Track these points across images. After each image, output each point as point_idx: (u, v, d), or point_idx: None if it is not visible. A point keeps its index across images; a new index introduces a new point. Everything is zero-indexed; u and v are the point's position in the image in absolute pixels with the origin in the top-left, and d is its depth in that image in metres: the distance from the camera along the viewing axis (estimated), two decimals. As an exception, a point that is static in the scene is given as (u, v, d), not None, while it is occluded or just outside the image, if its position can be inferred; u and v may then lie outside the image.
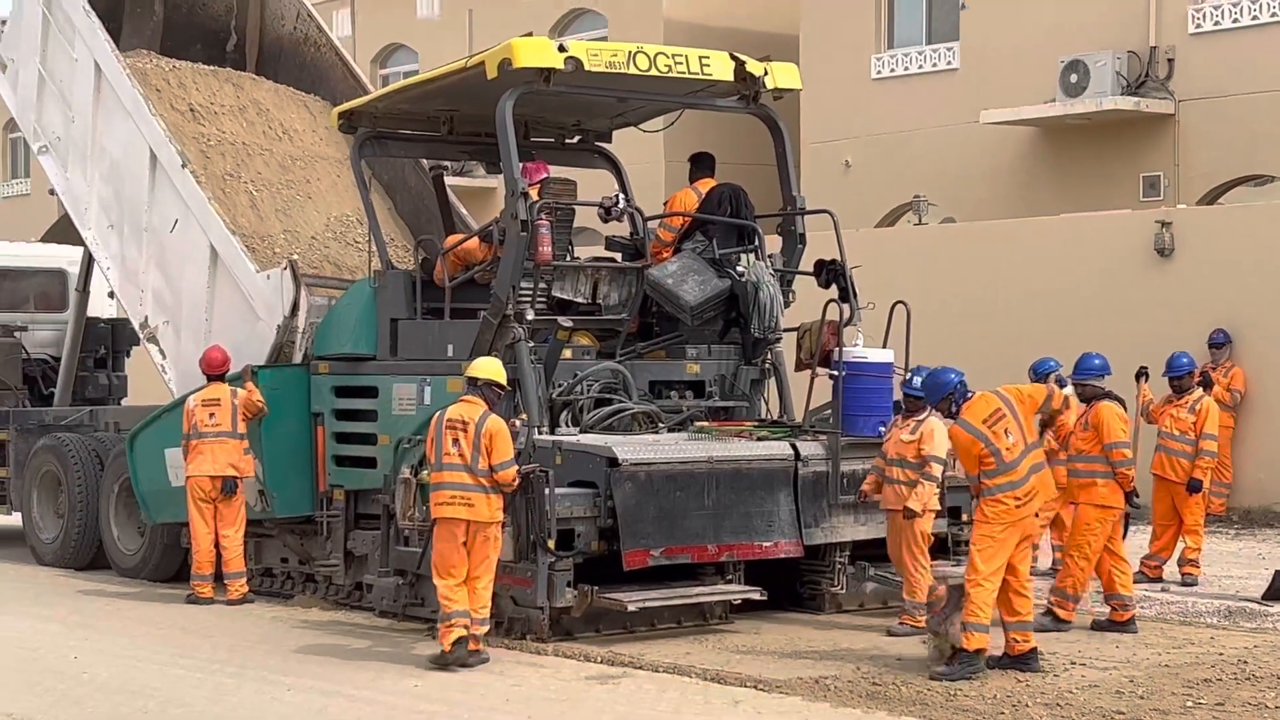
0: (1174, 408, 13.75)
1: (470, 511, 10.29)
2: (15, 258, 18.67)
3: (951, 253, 20.62)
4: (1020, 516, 9.90)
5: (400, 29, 32.14)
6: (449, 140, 13.55)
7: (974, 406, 10.06)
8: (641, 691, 9.57)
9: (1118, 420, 11.39)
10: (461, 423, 10.37)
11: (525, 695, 9.51)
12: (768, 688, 9.49)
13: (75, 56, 15.19)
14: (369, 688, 9.75)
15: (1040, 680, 9.65)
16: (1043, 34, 23.61)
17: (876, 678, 9.70)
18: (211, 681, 10.05)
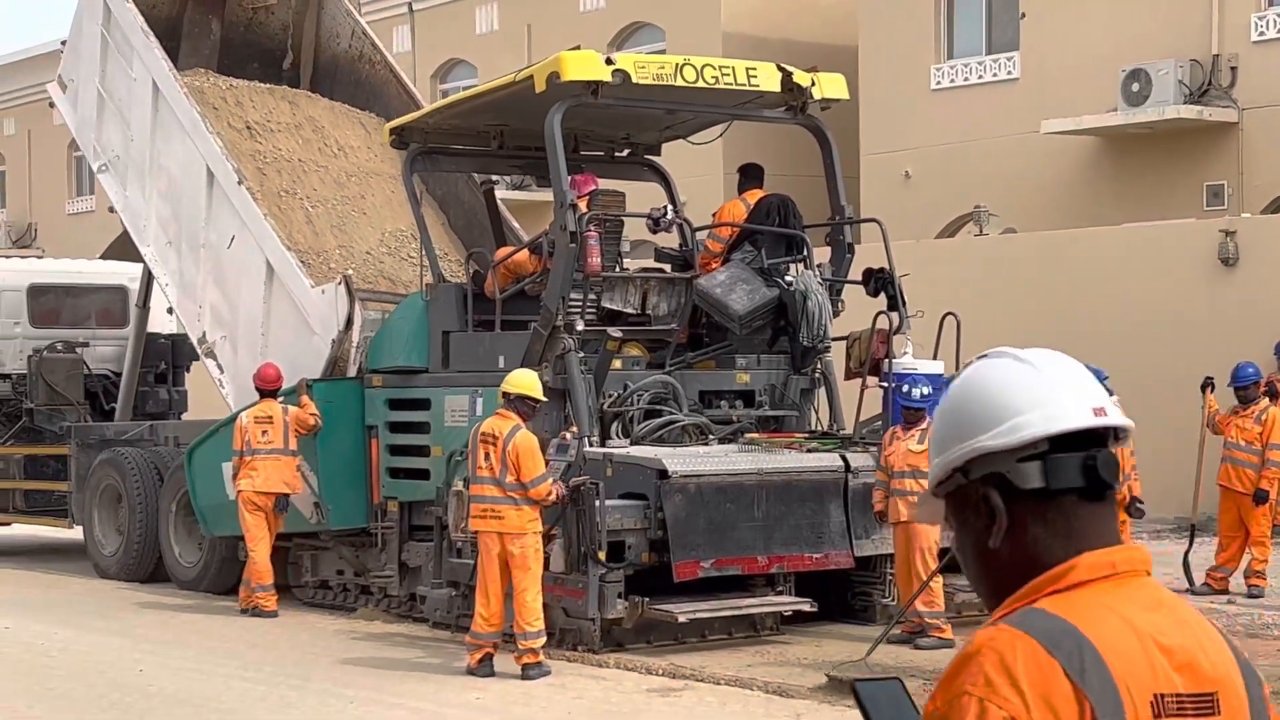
0: (1240, 418, 13.70)
1: (500, 524, 10.44)
2: (77, 274, 19.05)
3: (1013, 263, 20.60)
4: None
5: (459, 44, 32.42)
6: (499, 155, 13.76)
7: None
8: (703, 704, 9.59)
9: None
10: (492, 437, 10.52)
11: (587, 708, 9.56)
12: (831, 701, 9.50)
13: (134, 76, 15.50)
14: (431, 700, 9.83)
15: None
16: (1104, 43, 23.55)
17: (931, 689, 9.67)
18: (275, 694, 10.16)
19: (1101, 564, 2.09)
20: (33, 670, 11.13)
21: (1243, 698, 2.11)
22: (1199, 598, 13.40)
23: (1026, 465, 2.11)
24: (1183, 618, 2.11)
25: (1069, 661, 1.99)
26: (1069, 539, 2.10)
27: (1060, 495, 2.10)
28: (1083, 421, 2.12)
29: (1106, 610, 2.04)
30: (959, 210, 25.24)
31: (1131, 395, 18.12)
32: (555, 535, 11.02)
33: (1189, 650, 2.07)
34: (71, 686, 10.54)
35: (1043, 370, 2.18)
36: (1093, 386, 2.17)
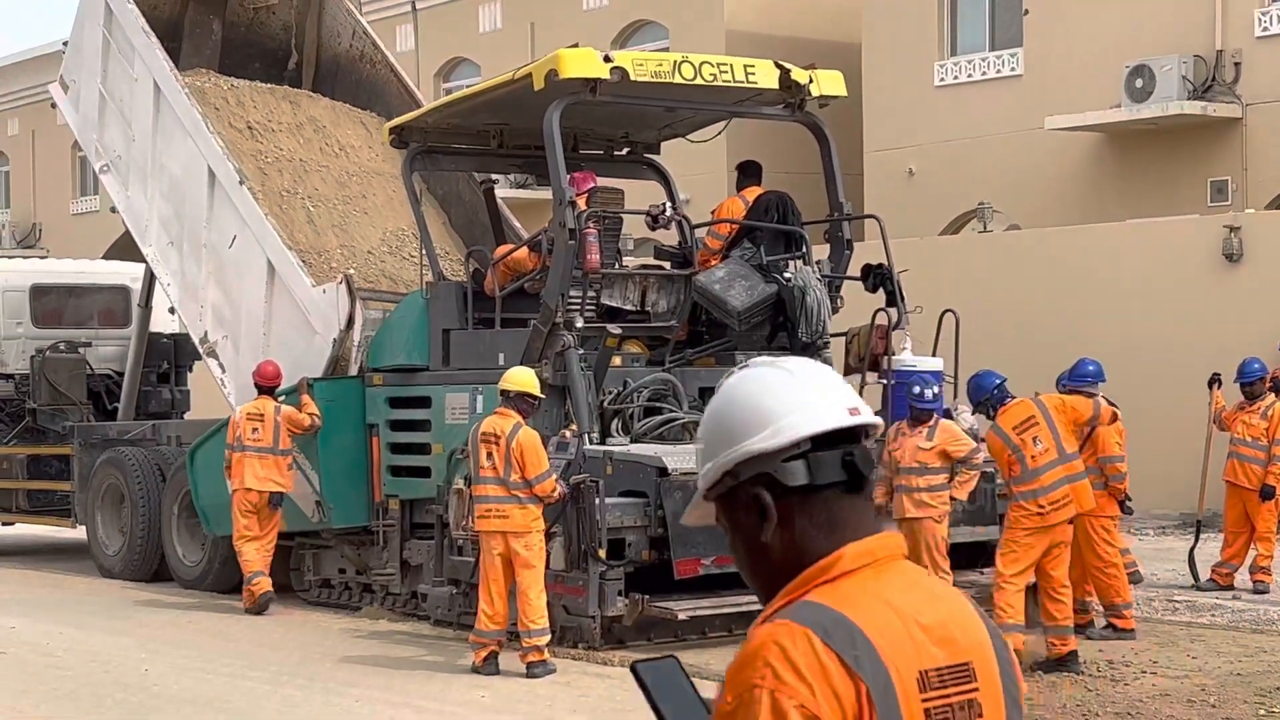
0: (1246, 414, 13.73)
1: (505, 523, 10.51)
2: (80, 274, 19.15)
3: (1017, 260, 20.66)
4: (1046, 524, 10.05)
5: (463, 43, 32.51)
6: (499, 154, 13.83)
7: (1009, 412, 10.23)
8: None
9: (1114, 434, 11.45)
10: (494, 436, 10.58)
11: (591, 706, 9.59)
12: None
13: (135, 76, 15.58)
14: (436, 698, 9.87)
15: (1111, 689, 9.64)
16: (1107, 39, 23.59)
17: None
18: (280, 693, 10.20)
19: (863, 553, 2.27)
20: (39, 670, 11.20)
21: (993, 663, 2.31)
22: (1204, 593, 13.44)
23: (791, 464, 2.28)
24: (935, 594, 2.31)
25: (844, 649, 2.16)
26: (832, 530, 2.28)
27: (823, 490, 2.28)
28: (840, 421, 2.30)
29: (871, 596, 2.23)
30: (963, 207, 25.31)
31: (1136, 391, 18.23)
32: (556, 533, 11.09)
33: (945, 625, 2.27)
34: (77, 686, 10.60)
35: (799, 376, 2.34)
36: (845, 389, 2.36)
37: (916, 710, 2.20)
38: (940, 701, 2.22)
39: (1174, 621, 12.11)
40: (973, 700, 2.26)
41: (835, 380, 2.37)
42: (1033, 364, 14.34)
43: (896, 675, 2.18)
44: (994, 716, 2.30)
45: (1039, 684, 9.75)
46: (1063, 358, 18.51)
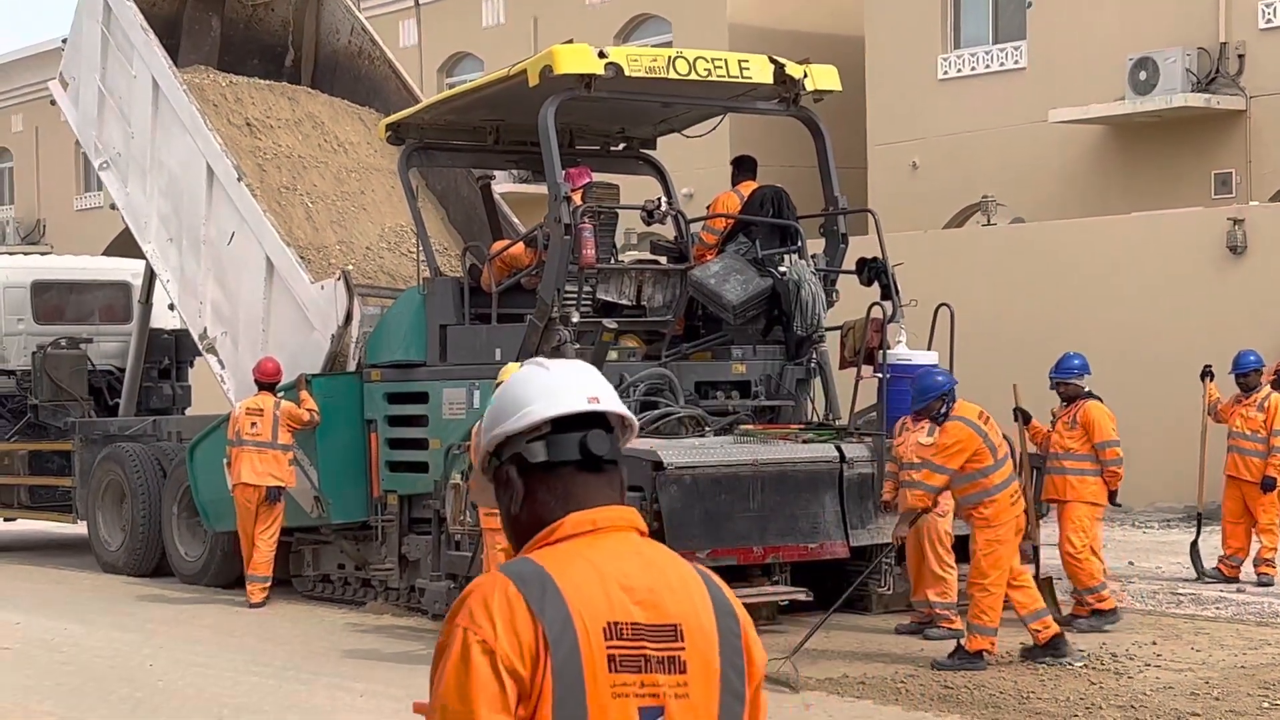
0: (1243, 406, 13.80)
1: None
2: (81, 271, 19.32)
3: (1021, 253, 20.75)
4: (1015, 514, 10.18)
5: (466, 38, 32.62)
6: (495, 150, 13.95)
7: (964, 406, 10.34)
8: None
9: (1108, 419, 11.56)
10: None
11: None
12: (839, 690, 9.61)
13: (134, 73, 15.72)
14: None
15: (1115, 682, 9.65)
16: (1111, 31, 23.66)
17: (948, 680, 9.75)
18: (285, 688, 10.28)
19: (583, 521, 2.65)
20: (44, 666, 11.29)
21: (710, 631, 2.63)
22: (1208, 586, 13.51)
23: (535, 444, 2.68)
24: (653, 564, 2.65)
25: (530, 595, 2.54)
26: (566, 502, 2.66)
27: (561, 467, 2.67)
28: (575, 407, 2.68)
29: (577, 557, 2.60)
30: (967, 200, 25.40)
31: (1140, 384, 18.35)
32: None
33: (654, 591, 2.61)
34: (83, 682, 10.69)
35: (551, 371, 2.76)
36: (594, 383, 2.74)
37: (599, 655, 2.54)
38: (629, 651, 2.55)
39: (1178, 614, 12.15)
40: (675, 657, 2.59)
41: (587, 376, 2.75)
42: (1036, 357, 14.44)
43: (580, 622, 2.53)
44: (701, 677, 2.60)
45: (1040, 676, 9.80)
46: (1064, 349, 18.64)
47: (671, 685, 2.60)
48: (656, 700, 2.58)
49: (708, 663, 2.63)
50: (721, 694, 2.65)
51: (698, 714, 2.62)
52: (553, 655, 2.51)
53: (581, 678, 2.53)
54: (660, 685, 2.59)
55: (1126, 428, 18.33)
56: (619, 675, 2.56)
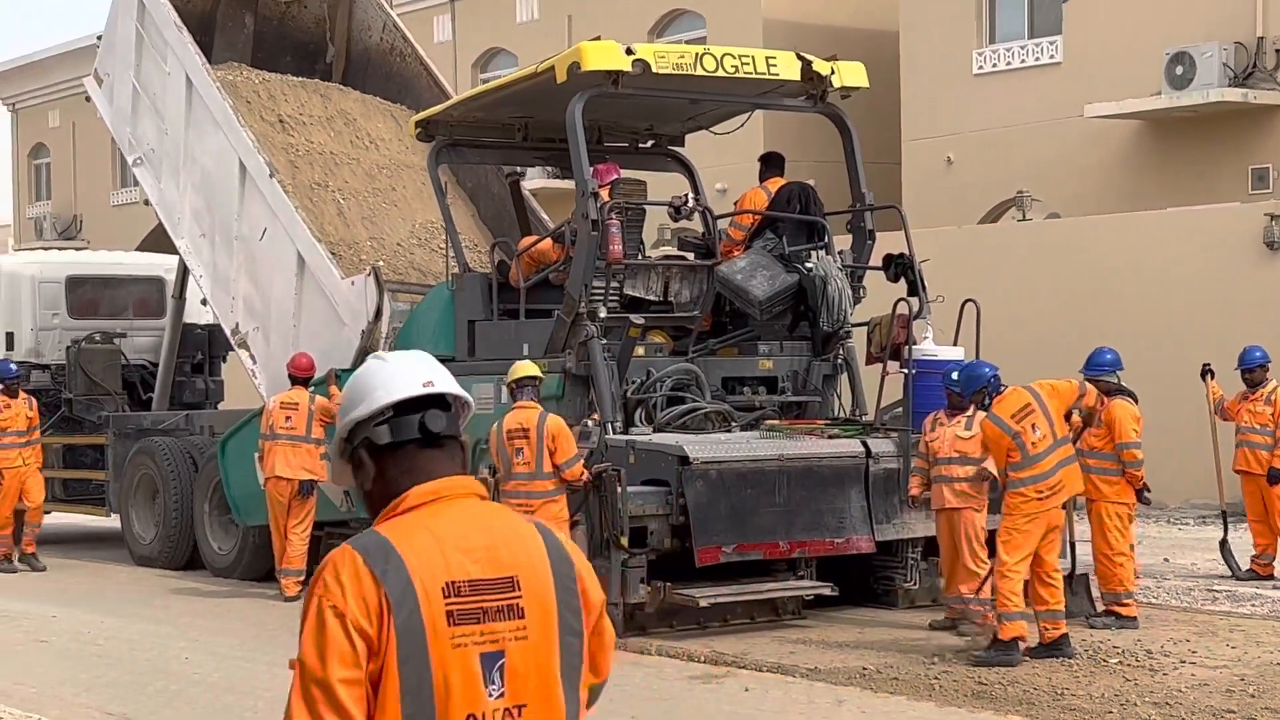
0: (1250, 402, 13.85)
1: (531, 519, 10.68)
2: (115, 266, 19.56)
3: (1056, 248, 20.76)
4: (1044, 509, 10.26)
5: (500, 33, 32.80)
6: (524, 146, 14.11)
7: (1005, 401, 10.42)
8: (745, 691, 9.69)
9: (1131, 419, 11.49)
10: (521, 430, 10.82)
11: (628, 694, 9.61)
12: (874, 687, 9.64)
13: (167, 70, 15.94)
14: None
15: (1150, 678, 9.64)
16: (1147, 26, 23.66)
17: (981, 676, 9.78)
18: None
19: (426, 492, 3.02)
20: (80, 658, 11.44)
21: (546, 579, 3.02)
22: (1244, 583, 13.52)
23: (380, 427, 3.06)
24: (492, 526, 3.04)
25: (374, 564, 2.91)
26: (412, 476, 3.04)
27: (405, 445, 3.05)
28: (411, 390, 3.07)
29: (418, 526, 2.97)
30: (1001, 195, 25.43)
31: (1174, 380, 18.35)
32: (579, 521, 11.34)
33: (490, 548, 3.00)
34: (119, 674, 10.81)
35: (390, 362, 3.15)
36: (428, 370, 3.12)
37: (438, 611, 2.92)
38: (467, 605, 2.94)
39: (1213, 611, 12.16)
40: (512, 605, 2.98)
41: (422, 363, 3.15)
42: (1072, 352, 14.47)
43: (420, 584, 2.91)
44: (539, 620, 3.00)
45: (1075, 673, 9.82)
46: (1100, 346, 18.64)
47: (510, 630, 2.98)
48: (496, 645, 2.96)
49: (545, 607, 3.01)
50: (560, 633, 3.03)
51: (537, 653, 3.00)
52: (395, 615, 2.89)
53: (423, 633, 2.91)
54: (499, 632, 2.96)
55: (1160, 424, 18.37)
56: (458, 628, 2.93)
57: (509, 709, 2.98)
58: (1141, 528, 17.71)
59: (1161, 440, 18.74)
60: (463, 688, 2.94)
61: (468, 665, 2.94)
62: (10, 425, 16.02)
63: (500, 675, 2.98)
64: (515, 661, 2.99)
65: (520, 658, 2.99)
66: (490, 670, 2.97)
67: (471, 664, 2.95)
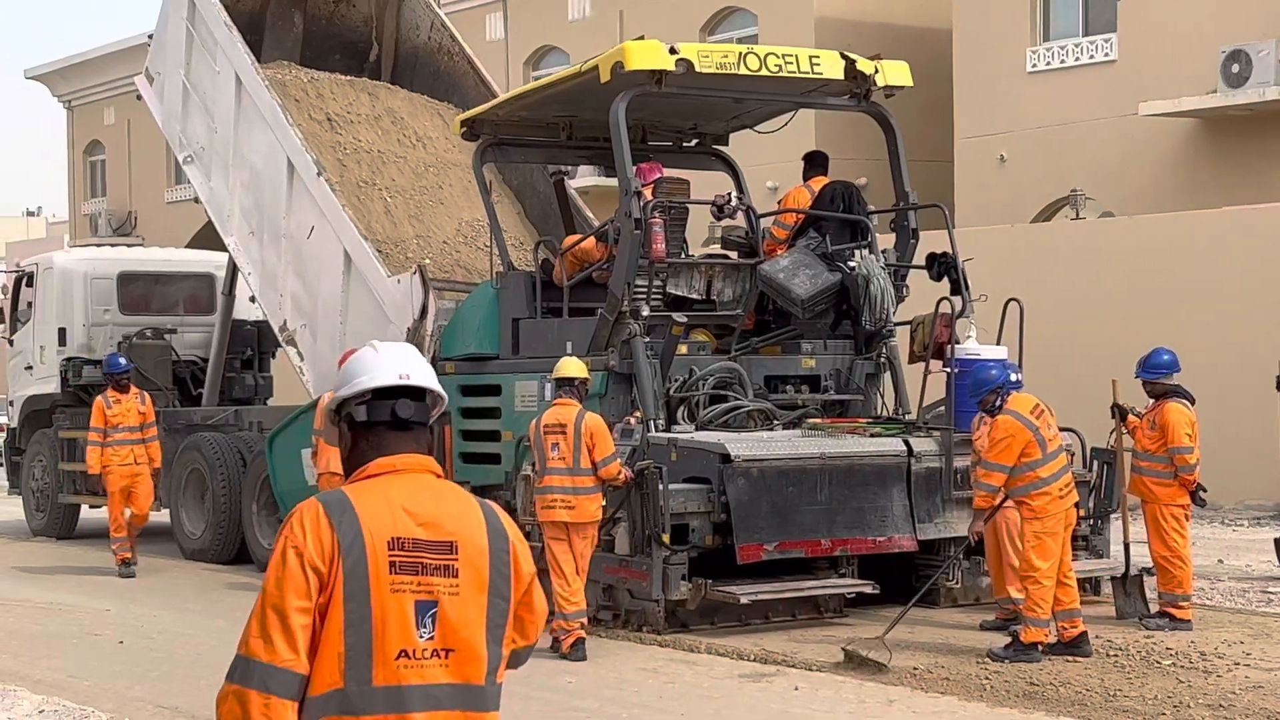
0: None
1: (571, 514, 10.83)
2: (166, 262, 19.88)
3: (1111, 247, 20.76)
4: (1064, 507, 10.37)
5: (552, 31, 33.01)
6: (568, 145, 14.26)
7: (1019, 399, 10.52)
8: (795, 690, 9.70)
9: (1184, 423, 11.38)
10: (559, 426, 10.91)
11: (679, 693, 9.68)
12: (923, 686, 9.64)
13: (217, 69, 16.20)
14: (523, 683, 9.91)
15: (1203, 680, 9.62)
16: (1203, 23, 23.62)
17: (1033, 676, 9.74)
18: None
19: (385, 464, 3.61)
20: (134, 652, 11.59)
21: (482, 548, 3.56)
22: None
23: (359, 407, 3.65)
24: (440, 498, 3.59)
25: (332, 514, 3.49)
26: (378, 450, 3.63)
27: (376, 425, 3.64)
28: (388, 380, 3.64)
29: (374, 490, 3.56)
30: (1055, 194, 25.45)
31: (1229, 381, 18.35)
32: (620, 518, 11.48)
33: (435, 516, 3.54)
34: (172, 668, 10.96)
35: (380, 352, 3.71)
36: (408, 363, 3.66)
37: (382, 559, 3.47)
38: (408, 559, 3.49)
39: (1268, 613, 12.13)
40: (449, 565, 3.53)
41: (404, 356, 3.69)
42: (1126, 352, 14.51)
43: (369, 535, 3.47)
44: (471, 581, 3.55)
45: (1127, 674, 9.81)
46: (1155, 345, 18.59)
47: (445, 585, 3.52)
48: (430, 596, 3.50)
49: (478, 571, 3.56)
50: (490, 595, 3.57)
51: (467, 608, 3.53)
52: (344, 558, 3.46)
53: (367, 576, 3.47)
54: (435, 585, 3.50)
55: (1215, 425, 18.32)
56: (398, 576, 3.48)
57: (437, 650, 3.50)
58: (1195, 529, 17.70)
59: (1215, 441, 18.68)
60: (397, 627, 3.47)
61: (403, 609, 3.47)
62: (121, 421, 15.78)
63: (432, 621, 3.50)
64: (446, 612, 3.51)
65: (451, 610, 3.51)
66: (423, 616, 3.49)
67: (406, 608, 3.47)
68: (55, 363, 18.87)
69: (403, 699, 3.48)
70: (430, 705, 3.49)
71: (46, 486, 19.42)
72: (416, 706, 3.48)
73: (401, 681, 3.48)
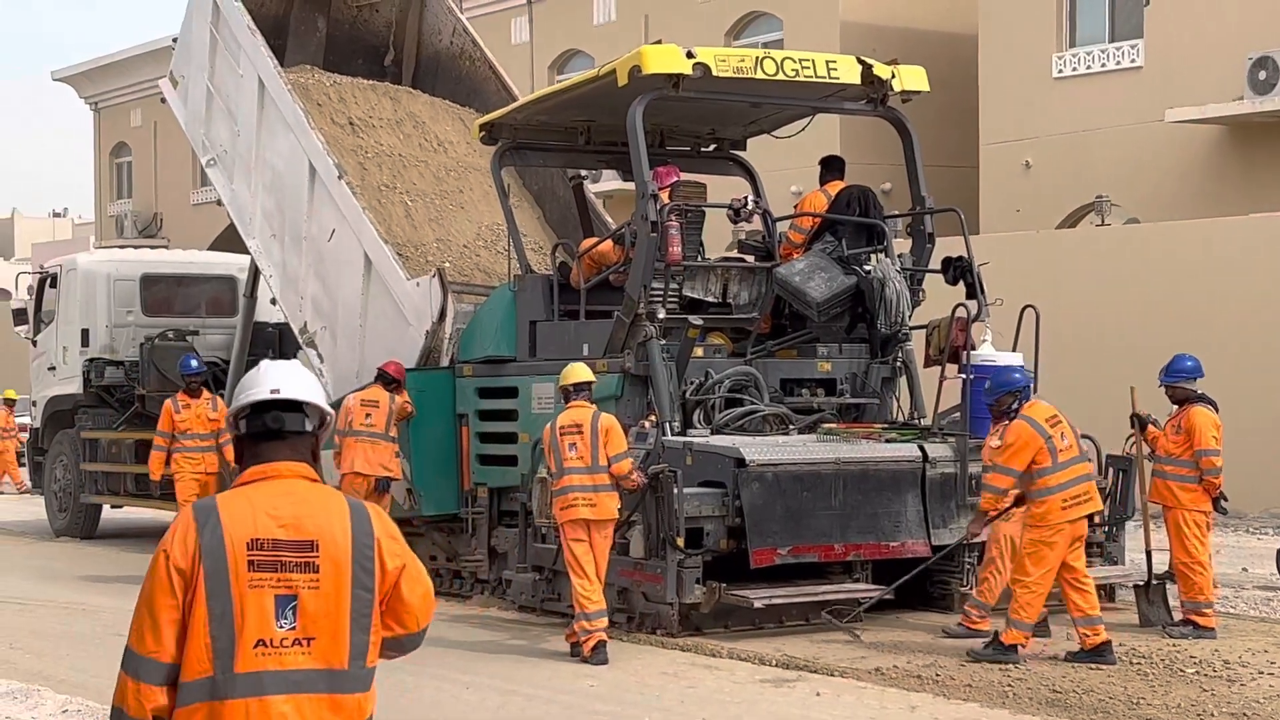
0: None
1: (594, 511, 10.97)
2: (188, 265, 20.11)
3: (1135, 254, 20.80)
4: (1069, 518, 10.43)
5: (577, 35, 33.18)
6: (586, 149, 14.41)
7: (1036, 407, 10.61)
8: (816, 695, 9.77)
9: (1211, 426, 11.47)
10: (575, 427, 11.05)
11: (700, 697, 9.77)
12: (945, 693, 9.70)
13: (240, 73, 16.39)
14: (546, 686, 10.16)
15: (1227, 689, 9.64)
16: (1229, 30, 23.66)
17: (1055, 683, 9.79)
18: (391, 679, 10.42)
19: (256, 472, 4.08)
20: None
21: (345, 545, 3.98)
22: None
23: (241, 421, 4.14)
24: (306, 501, 4.01)
25: (199, 519, 3.97)
26: (255, 459, 4.10)
27: (255, 435, 4.12)
28: (262, 395, 4.11)
29: (242, 495, 4.02)
30: (1080, 200, 25.50)
31: (1255, 387, 18.39)
32: (635, 522, 11.60)
33: (296, 517, 3.98)
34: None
35: (262, 369, 4.20)
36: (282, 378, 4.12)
37: (241, 559, 3.93)
38: (267, 558, 3.94)
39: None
40: (309, 562, 3.96)
41: (280, 372, 4.17)
42: (1151, 357, 14.58)
43: (229, 537, 3.94)
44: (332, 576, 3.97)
45: (1151, 682, 9.84)
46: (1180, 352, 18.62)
47: (304, 581, 3.96)
48: (290, 590, 3.95)
49: (339, 566, 3.98)
50: (352, 588, 3.99)
51: (328, 600, 3.97)
52: (206, 559, 3.93)
53: (227, 573, 3.93)
54: (294, 580, 3.96)
55: (1240, 431, 18.38)
56: (256, 574, 3.94)
57: (299, 639, 3.96)
58: (1220, 536, 17.76)
59: (1240, 448, 18.75)
60: (256, 619, 3.93)
61: (261, 603, 3.94)
62: (190, 427, 15.43)
63: (293, 613, 3.95)
64: (307, 604, 3.96)
65: (311, 602, 3.96)
66: (284, 608, 3.95)
67: (265, 602, 3.94)
68: (78, 363, 19.09)
69: (261, 683, 3.92)
70: (289, 688, 3.93)
71: (69, 486, 19.65)
72: (274, 689, 3.92)
73: (260, 668, 3.92)
